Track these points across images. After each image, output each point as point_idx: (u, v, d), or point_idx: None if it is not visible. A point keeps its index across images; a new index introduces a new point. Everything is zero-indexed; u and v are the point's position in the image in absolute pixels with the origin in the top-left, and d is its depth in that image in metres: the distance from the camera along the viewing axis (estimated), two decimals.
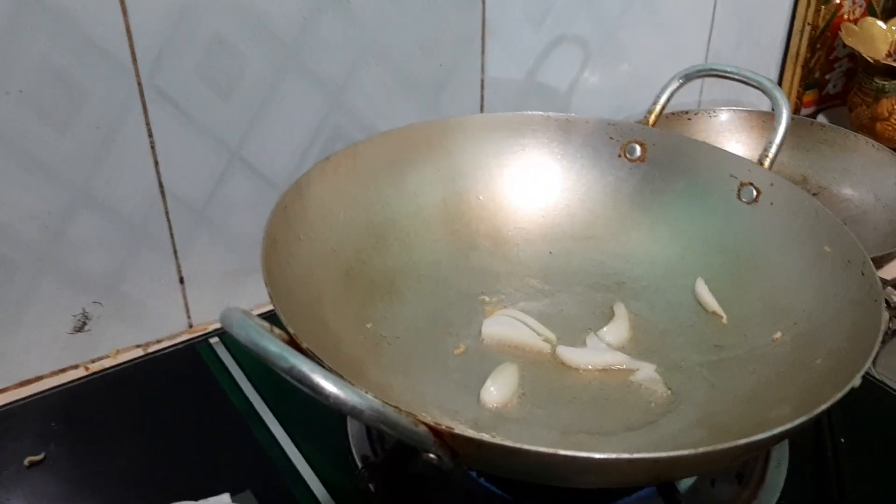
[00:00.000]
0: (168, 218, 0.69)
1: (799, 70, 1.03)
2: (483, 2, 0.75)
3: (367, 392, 0.33)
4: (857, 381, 0.39)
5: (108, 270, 0.69)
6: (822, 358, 0.45)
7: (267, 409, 0.55)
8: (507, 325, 0.53)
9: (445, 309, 0.55)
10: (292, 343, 0.37)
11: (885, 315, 0.43)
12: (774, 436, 0.36)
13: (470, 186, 0.60)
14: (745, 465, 0.50)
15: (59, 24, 0.57)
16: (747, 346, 0.50)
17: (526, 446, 0.34)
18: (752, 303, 0.52)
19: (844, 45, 1.05)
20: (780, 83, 1.03)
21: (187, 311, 0.74)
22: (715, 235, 0.56)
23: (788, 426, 0.36)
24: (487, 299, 0.57)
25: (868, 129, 0.96)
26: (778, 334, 0.49)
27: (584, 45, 0.84)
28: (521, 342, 0.53)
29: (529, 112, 0.62)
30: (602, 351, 0.52)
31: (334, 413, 0.42)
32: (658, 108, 0.62)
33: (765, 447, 0.47)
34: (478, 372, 0.50)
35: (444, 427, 0.35)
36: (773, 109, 0.56)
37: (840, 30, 1.03)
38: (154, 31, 0.61)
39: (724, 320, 0.53)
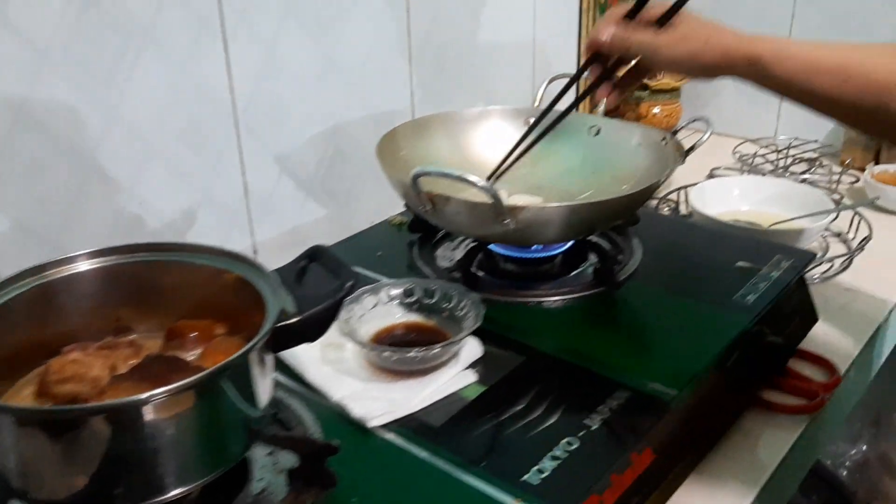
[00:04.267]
0: (248, 208, 1.11)
1: None
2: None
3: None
4: (662, 180, 0.94)
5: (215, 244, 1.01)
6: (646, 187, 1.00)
7: None
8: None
9: None
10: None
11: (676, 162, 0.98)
12: (627, 195, 0.90)
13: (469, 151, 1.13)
14: (615, 246, 1.04)
15: (200, 94, 1.00)
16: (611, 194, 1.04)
17: (548, 204, 0.86)
18: (608, 179, 1.07)
19: None
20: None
21: None
22: (584, 156, 1.11)
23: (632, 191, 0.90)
24: None
25: None
26: (625, 187, 1.04)
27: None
28: None
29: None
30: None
31: None
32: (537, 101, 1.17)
33: (628, 205, 0.97)
34: None
35: (513, 203, 0.85)
36: None
37: None
38: (244, 93, 1.05)
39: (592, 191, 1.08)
